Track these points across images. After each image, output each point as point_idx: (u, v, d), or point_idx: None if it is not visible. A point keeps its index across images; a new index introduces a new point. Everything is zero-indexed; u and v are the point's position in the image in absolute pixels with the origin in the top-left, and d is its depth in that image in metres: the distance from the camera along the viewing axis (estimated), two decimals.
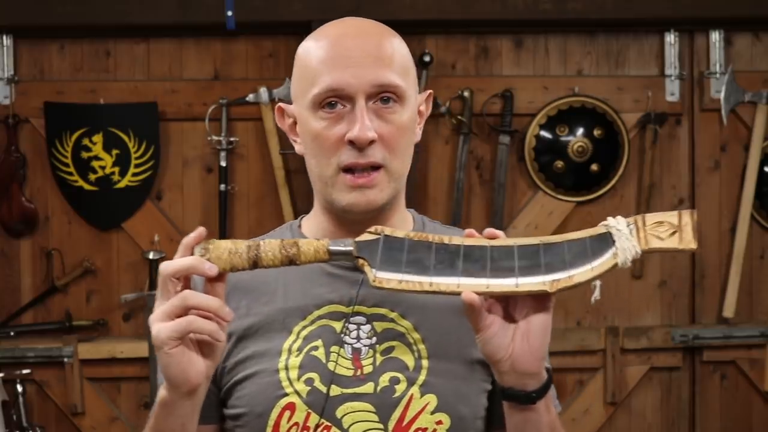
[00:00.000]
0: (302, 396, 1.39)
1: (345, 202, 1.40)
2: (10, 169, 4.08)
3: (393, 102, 1.41)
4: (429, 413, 1.39)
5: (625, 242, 1.27)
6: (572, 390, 4.20)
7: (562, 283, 1.26)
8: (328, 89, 1.38)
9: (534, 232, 4.18)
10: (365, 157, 1.38)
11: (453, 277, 1.27)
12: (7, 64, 4.09)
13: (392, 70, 1.41)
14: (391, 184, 1.41)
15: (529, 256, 1.28)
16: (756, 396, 4.21)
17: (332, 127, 1.39)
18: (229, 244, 1.28)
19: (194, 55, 4.15)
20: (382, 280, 1.28)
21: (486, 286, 1.26)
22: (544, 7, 4.03)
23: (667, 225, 1.27)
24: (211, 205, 4.13)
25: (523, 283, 1.26)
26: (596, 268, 1.27)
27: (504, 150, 4.14)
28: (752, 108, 4.17)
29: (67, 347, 3.99)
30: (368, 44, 1.42)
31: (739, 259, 4.15)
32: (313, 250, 1.29)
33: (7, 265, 4.14)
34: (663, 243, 1.26)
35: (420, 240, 1.29)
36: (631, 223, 1.28)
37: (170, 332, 1.24)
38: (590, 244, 1.29)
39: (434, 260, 1.28)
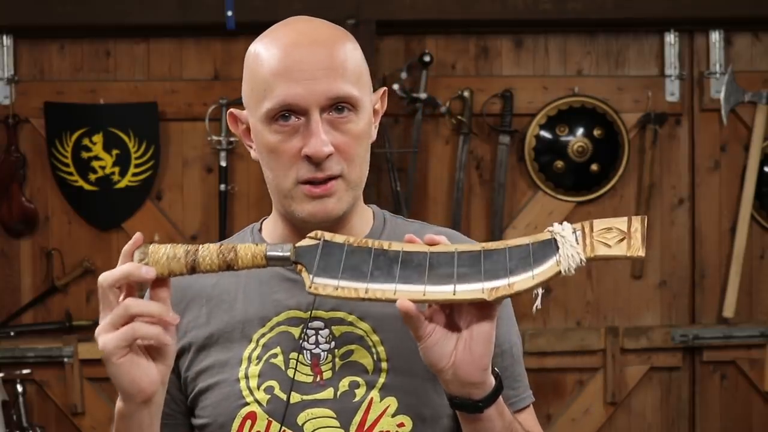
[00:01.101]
0: (263, 405, 1.38)
1: (304, 213, 1.39)
2: (10, 169, 4.08)
3: (348, 111, 1.39)
4: (390, 416, 1.38)
5: (569, 249, 1.23)
6: (572, 390, 4.20)
7: (501, 291, 1.22)
8: (282, 104, 1.36)
9: (534, 232, 4.15)
10: (323, 170, 1.36)
11: (390, 284, 1.24)
12: (7, 64, 4.09)
13: (345, 80, 1.38)
14: (349, 193, 1.40)
15: (469, 262, 1.24)
16: (756, 396, 4.21)
17: (287, 141, 1.37)
18: (168, 248, 1.26)
19: (194, 55, 4.15)
20: (318, 286, 1.25)
21: (423, 294, 1.23)
22: (544, 7, 4.03)
23: (615, 231, 1.23)
24: (211, 205, 4.13)
25: (460, 291, 1.23)
26: (538, 275, 1.23)
27: (504, 150, 4.14)
28: (752, 108, 4.17)
29: (67, 347, 4.00)
30: (320, 54, 1.37)
31: (739, 259, 4.15)
32: (251, 256, 1.27)
33: (7, 265, 4.14)
34: (610, 250, 1.22)
35: (359, 246, 1.26)
36: (578, 229, 1.24)
37: (116, 342, 1.23)
38: (533, 250, 1.24)
39: (372, 267, 1.25)
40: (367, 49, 3.95)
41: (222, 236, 4.02)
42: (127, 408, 1.29)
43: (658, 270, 4.23)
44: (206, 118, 4.07)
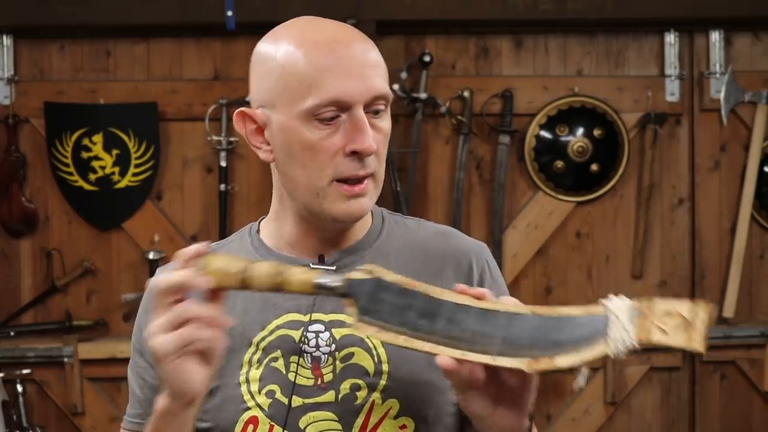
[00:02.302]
0: (264, 409, 1.38)
1: (338, 211, 1.37)
2: (10, 169, 4.08)
3: (381, 111, 1.39)
4: (392, 418, 1.37)
5: (621, 333, 1.15)
6: (572, 390, 4.20)
7: (542, 364, 1.16)
8: (333, 99, 1.33)
9: (534, 232, 4.19)
10: (365, 168, 1.36)
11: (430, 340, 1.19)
12: (7, 64, 4.09)
13: (384, 79, 1.39)
14: (376, 192, 1.41)
15: (514, 327, 1.18)
16: (756, 396, 4.21)
17: (329, 138, 1.35)
18: (223, 263, 1.25)
19: (194, 55, 4.15)
20: (362, 326, 1.22)
21: (462, 354, 1.18)
22: (544, 7, 4.03)
23: (677, 317, 1.14)
24: (211, 205, 4.13)
25: (501, 358, 1.17)
26: (583, 355, 1.15)
27: (504, 150, 4.14)
28: (752, 108, 4.17)
29: (67, 347, 3.99)
30: (365, 51, 1.38)
31: (739, 259, 4.15)
32: (299, 283, 1.24)
33: (7, 265, 4.14)
34: (666, 338, 1.14)
35: (408, 289, 1.22)
36: (636, 309, 1.15)
37: (172, 344, 1.22)
38: (584, 325, 1.17)
39: (418, 313, 1.21)
40: None
41: (222, 236, 4.02)
42: (172, 407, 1.27)
43: (658, 270, 4.23)
44: (206, 118, 4.07)
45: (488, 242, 4.16)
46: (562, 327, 1.17)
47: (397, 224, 1.50)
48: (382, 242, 1.46)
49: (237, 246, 1.48)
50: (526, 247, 4.20)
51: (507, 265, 4.17)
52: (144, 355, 1.48)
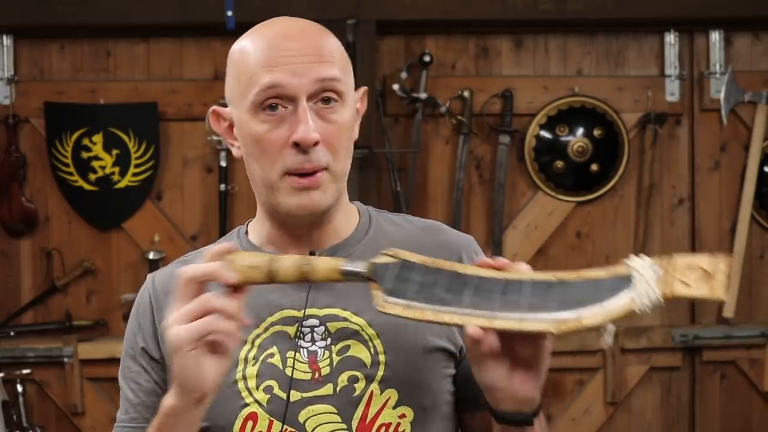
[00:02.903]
0: (263, 405, 1.38)
1: (290, 205, 1.38)
2: (10, 169, 4.08)
3: (334, 102, 1.38)
4: (391, 408, 1.38)
5: (646, 287, 1.17)
6: (572, 390, 4.20)
7: (569, 324, 1.18)
8: (269, 87, 1.35)
9: (534, 232, 4.19)
10: (310, 161, 1.36)
11: (458, 310, 1.21)
12: (7, 64, 4.09)
13: (333, 66, 1.38)
14: (334, 185, 1.40)
15: (539, 293, 1.21)
16: (756, 396, 4.21)
17: (275, 131, 1.37)
18: (251, 257, 1.27)
19: (194, 55, 4.15)
20: (387, 305, 1.23)
21: (490, 321, 1.20)
22: (544, 7, 4.03)
23: (697, 270, 1.16)
24: (211, 205, 4.13)
25: (528, 320, 1.19)
26: (609, 312, 1.18)
27: (504, 150, 4.14)
28: (752, 108, 4.17)
29: (67, 347, 3.99)
30: (308, 42, 1.39)
31: (739, 259, 4.15)
32: (325, 270, 1.26)
33: (7, 265, 4.14)
34: (689, 290, 1.16)
35: (433, 267, 1.25)
36: (657, 264, 1.18)
37: (191, 333, 1.22)
38: (608, 284, 1.19)
39: (443, 288, 1.23)
40: (367, 49, 3.97)
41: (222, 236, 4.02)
42: (180, 404, 1.27)
43: None
44: (206, 118, 4.06)
45: (488, 242, 4.17)
46: (588, 289, 1.19)
47: (384, 221, 1.51)
48: (370, 239, 1.47)
49: None
50: (526, 247, 4.20)
51: None
52: (137, 359, 1.46)
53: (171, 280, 1.40)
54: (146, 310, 1.48)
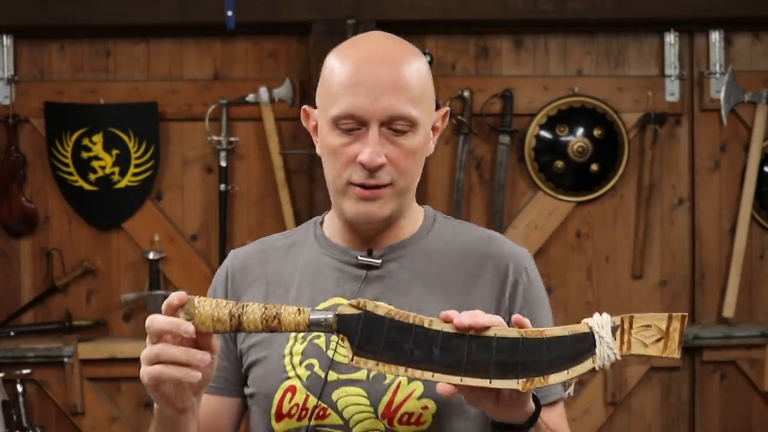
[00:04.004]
0: (303, 380, 1.52)
1: (350, 213, 1.54)
2: (10, 169, 4.08)
3: (404, 132, 1.52)
4: (415, 399, 1.49)
5: (606, 349, 1.27)
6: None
7: (536, 382, 1.28)
8: (346, 113, 1.50)
9: (534, 232, 4.18)
10: (374, 179, 1.51)
11: (428, 369, 1.29)
12: (7, 64, 4.09)
13: (407, 100, 1.51)
14: (395, 200, 1.55)
15: (506, 350, 1.28)
16: (756, 396, 4.21)
17: (347, 146, 1.51)
18: (213, 309, 1.33)
19: (194, 55, 4.15)
20: (360, 361, 1.32)
21: (460, 380, 1.29)
22: (544, 7, 4.03)
23: (654, 330, 1.26)
24: (211, 205, 4.13)
25: (496, 381, 1.28)
26: (572, 371, 1.28)
27: (504, 150, 4.14)
28: (752, 108, 4.17)
29: (67, 347, 3.99)
30: (387, 73, 1.51)
31: (739, 259, 4.15)
32: (294, 325, 1.33)
33: (7, 265, 4.14)
34: (646, 350, 1.26)
35: (400, 321, 1.31)
36: (617, 323, 1.27)
37: (148, 376, 1.35)
38: (570, 343, 1.28)
39: (412, 344, 1.30)
40: None
41: (222, 236, 4.02)
42: (166, 414, 1.41)
43: (658, 270, 4.23)
44: (206, 118, 4.07)
45: None
46: (551, 347, 1.28)
47: (446, 226, 1.65)
48: (427, 241, 1.61)
49: (302, 237, 1.65)
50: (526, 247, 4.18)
51: None
52: None
53: (248, 259, 1.63)
54: (221, 284, 1.64)
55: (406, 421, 1.49)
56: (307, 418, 1.51)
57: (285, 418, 1.53)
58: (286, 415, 1.52)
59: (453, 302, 1.49)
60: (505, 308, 1.55)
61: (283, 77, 4.05)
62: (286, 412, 1.52)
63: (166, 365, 1.33)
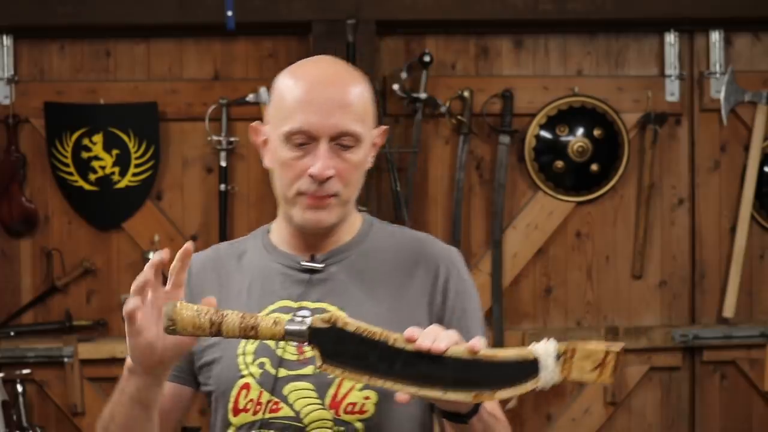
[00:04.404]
0: (256, 377, 1.67)
1: (299, 220, 1.69)
2: (10, 169, 4.08)
3: (351, 148, 1.66)
4: (357, 390, 1.64)
5: (548, 375, 1.44)
6: (572, 390, 4.20)
7: (484, 397, 1.45)
8: (298, 130, 1.65)
9: (534, 232, 4.18)
10: (323, 190, 1.65)
11: (389, 380, 1.45)
12: (7, 64, 4.09)
13: (353, 119, 1.65)
14: (340, 209, 1.69)
15: (461, 369, 1.44)
16: (756, 396, 4.21)
17: (298, 160, 1.66)
18: (194, 317, 1.46)
19: (194, 55, 4.15)
20: (328, 368, 1.47)
21: (417, 390, 1.45)
22: (544, 7, 4.03)
23: (592, 360, 1.43)
24: (211, 205, 4.13)
25: (449, 394, 1.45)
26: (518, 389, 1.45)
27: (504, 150, 4.14)
28: (752, 108, 4.17)
29: (67, 347, 3.99)
30: (337, 92, 1.66)
31: (739, 259, 4.15)
32: (270, 334, 1.47)
33: (7, 265, 4.14)
34: (583, 376, 1.43)
35: (368, 336, 1.45)
36: (561, 352, 1.44)
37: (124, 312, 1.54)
38: (518, 366, 1.45)
39: (376, 358, 1.45)
40: (367, 49, 3.97)
41: (222, 236, 4.02)
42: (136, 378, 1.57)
43: (658, 270, 4.23)
44: (206, 118, 4.07)
45: (488, 242, 4.17)
46: (501, 369, 1.45)
47: (382, 230, 1.79)
48: (365, 245, 1.75)
49: (252, 244, 1.79)
50: (526, 247, 4.20)
51: (507, 265, 4.17)
52: None
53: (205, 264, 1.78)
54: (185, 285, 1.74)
55: (351, 410, 1.64)
56: (262, 411, 1.65)
57: (241, 412, 1.67)
58: (243, 410, 1.67)
59: (390, 299, 1.67)
60: (437, 303, 1.70)
61: None
62: (242, 407, 1.67)
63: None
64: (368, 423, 1.65)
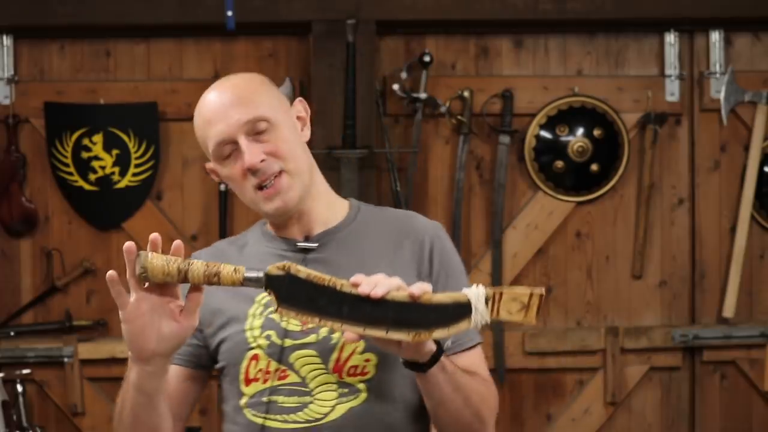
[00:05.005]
0: (264, 348, 1.79)
1: (269, 212, 1.83)
2: (10, 169, 4.08)
3: (266, 129, 1.80)
4: (359, 353, 1.77)
5: (478, 315, 1.58)
6: (572, 390, 4.20)
7: (422, 336, 1.60)
8: (217, 143, 1.82)
9: (534, 232, 4.18)
10: (264, 173, 1.79)
11: (338, 321, 1.59)
12: (7, 64, 4.09)
13: (253, 107, 1.80)
14: (295, 182, 1.81)
15: (399, 310, 1.59)
16: (756, 396, 4.21)
17: (233, 167, 1.82)
18: (164, 265, 1.63)
19: (194, 55, 4.15)
20: (283, 311, 1.60)
21: (363, 330, 1.59)
22: (544, 7, 4.03)
23: (518, 303, 1.57)
24: (211, 205, 4.13)
25: (391, 333, 1.59)
26: (452, 329, 1.60)
27: (504, 150, 4.14)
28: (752, 108, 4.17)
29: (67, 347, 4.00)
30: (228, 96, 1.83)
31: (739, 259, 4.15)
32: (231, 281, 1.60)
33: (7, 265, 4.14)
34: (510, 317, 1.58)
35: (317, 282, 1.59)
36: (489, 296, 1.58)
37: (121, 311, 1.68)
38: (452, 309, 1.59)
39: (326, 301, 1.59)
40: (367, 49, 3.97)
41: (222, 236, 4.02)
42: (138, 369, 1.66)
43: (658, 270, 4.23)
44: None
45: (488, 242, 4.17)
46: (436, 311, 1.59)
47: (369, 211, 1.92)
48: (354, 225, 1.88)
49: (251, 236, 1.94)
50: (526, 247, 4.20)
51: (507, 265, 4.17)
52: None
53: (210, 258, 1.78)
54: None
55: (353, 372, 1.77)
56: (271, 379, 1.78)
57: (252, 382, 1.80)
58: (253, 380, 1.80)
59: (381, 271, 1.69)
60: (425, 273, 1.82)
61: (283, 77, 4.05)
62: (252, 377, 1.80)
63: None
64: (370, 383, 1.77)
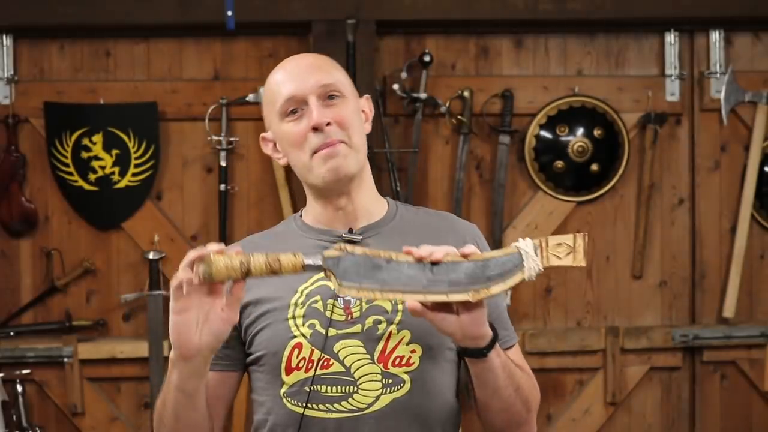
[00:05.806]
0: (307, 337, 1.78)
1: (321, 172, 1.81)
2: (10, 169, 4.08)
3: (337, 97, 1.83)
4: (405, 344, 1.78)
5: (531, 262, 1.61)
6: (572, 390, 4.20)
7: (481, 293, 1.60)
8: (287, 99, 1.82)
9: (534, 232, 4.18)
10: (329, 137, 1.80)
11: (398, 292, 1.60)
12: (7, 64, 4.09)
13: (330, 74, 1.84)
14: (354, 155, 1.82)
15: (457, 272, 1.60)
16: (756, 396, 4.21)
17: (298, 125, 1.82)
18: (226, 261, 1.60)
19: (194, 55, 4.15)
20: (343, 289, 1.60)
21: (424, 296, 1.60)
22: (544, 7, 4.03)
23: (564, 246, 1.62)
24: (211, 205, 4.13)
25: (452, 296, 1.60)
26: (508, 282, 1.62)
27: (504, 150, 4.14)
28: (752, 108, 4.18)
29: (67, 347, 4.00)
30: (309, 61, 1.88)
31: (739, 259, 4.16)
32: (292, 265, 1.60)
33: (7, 265, 4.14)
34: (560, 261, 1.61)
35: (372, 257, 1.61)
36: (537, 244, 1.62)
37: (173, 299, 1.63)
38: (504, 261, 1.62)
39: (384, 274, 1.61)
40: (367, 49, 3.97)
41: (222, 236, 4.02)
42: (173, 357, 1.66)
43: (658, 270, 4.23)
44: (206, 118, 4.07)
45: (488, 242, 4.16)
46: (490, 266, 1.62)
47: (407, 210, 1.95)
48: (395, 221, 1.90)
49: (284, 229, 1.93)
50: None
51: None
52: None
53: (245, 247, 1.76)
54: None
55: (398, 363, 1.77)
56: (314, 368, 1.77)
57: (294, 371, 1.78)
58: (295, 368, 1.78)
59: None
60: None
61: None
62: (294, 366, 1.78)
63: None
64: (414, 374, 1.77)
